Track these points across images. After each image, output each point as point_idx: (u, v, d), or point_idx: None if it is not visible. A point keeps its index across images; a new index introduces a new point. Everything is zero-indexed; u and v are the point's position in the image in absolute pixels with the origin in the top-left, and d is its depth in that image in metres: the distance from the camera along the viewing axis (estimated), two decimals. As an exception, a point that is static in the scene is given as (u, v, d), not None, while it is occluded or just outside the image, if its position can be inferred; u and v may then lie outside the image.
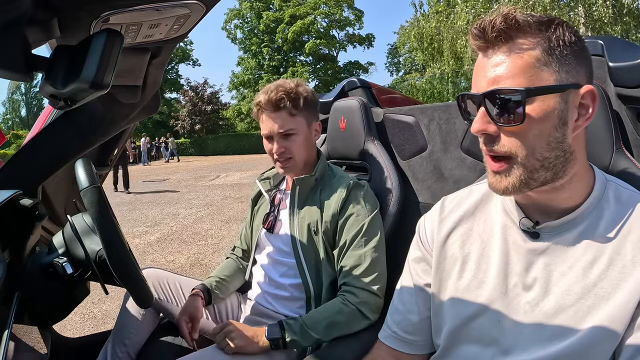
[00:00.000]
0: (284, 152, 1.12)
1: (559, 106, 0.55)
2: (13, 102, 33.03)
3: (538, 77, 0.54)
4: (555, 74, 0.54)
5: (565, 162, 0.57)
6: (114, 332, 1.18)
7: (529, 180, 0.57)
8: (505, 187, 0.58)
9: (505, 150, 0.56)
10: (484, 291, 0.66)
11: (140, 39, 0.69)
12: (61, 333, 1.33)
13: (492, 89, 0.55)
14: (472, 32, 0.58)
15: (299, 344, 1.00)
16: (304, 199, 1.16)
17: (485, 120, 0.57)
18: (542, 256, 0.62)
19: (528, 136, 0.55)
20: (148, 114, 1.10)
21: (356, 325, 1.03)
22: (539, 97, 0.54)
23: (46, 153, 0.99)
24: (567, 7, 10.10)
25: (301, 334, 0.99)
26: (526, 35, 0.55)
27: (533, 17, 0.55)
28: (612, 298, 0.55)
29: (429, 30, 12.15)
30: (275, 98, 1.08)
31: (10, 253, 0.76)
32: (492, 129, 0.57)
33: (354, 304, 1.02)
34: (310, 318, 1.02)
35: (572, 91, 0.55)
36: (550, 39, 0.54)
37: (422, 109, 1.29)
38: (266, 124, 1.12)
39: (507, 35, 0.55)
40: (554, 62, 0.54)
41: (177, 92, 34.64)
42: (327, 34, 32.69)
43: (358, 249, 1.06)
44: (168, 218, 5.77)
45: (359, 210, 1.09)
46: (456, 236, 0.72)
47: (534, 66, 0.54)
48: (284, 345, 0.99)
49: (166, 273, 1.27)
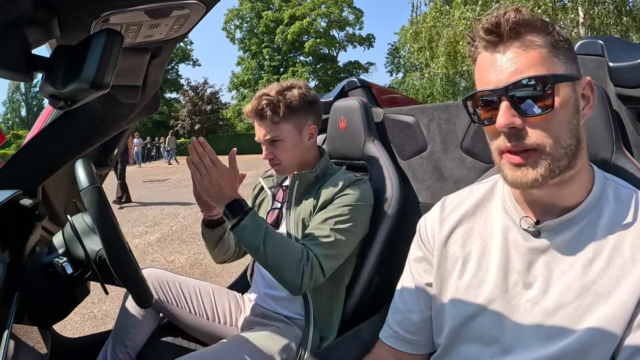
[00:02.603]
0: (273, 158, 1.16)
1: (573, 94, 0.57)
2: (13, 102, 33.05)
3: (555, 67, 0.56)
4: (564, 65, 0.57)
5: (577, 151, 0.58)
6: (114, 332, 1.18)
7: (555, 170, 0.56)
8: (534, 179, 0.56)
9: (532, 142, 0.55)
10: (484, 290, 0.66)
11: (140, 39, 0.69)
12: (61, 333, 1.33)
13: (518, 79, 0.54)
14: (482, 28, 0.58)
15: (242, 234, 0.97)
16: (301, 195, 1.16)
17: (511, 114, 0.55)
18: (542, 255, 0.62)
19: (553, 124, 0.55)
20: (148, 114, 1.10)
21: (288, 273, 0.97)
22: (562, 84, 0.55)
23: (46, 153, 0.99)
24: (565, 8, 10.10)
25: (254, 229, 0.97)
26: (535, 30, 0.57)
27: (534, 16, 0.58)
28: (611, 296, 0.55)
29: (427, 30, 12.16)
30: (257, 108, 1.12)
31: (10, 253, 0.76)
32: (518, 121, 0.55)
33: (309, 254, 0.99)
34: (272, 230, 1.00)
35: (577, 81, 0.58)
36: (553, 35, 0.57)
37: (422, 109, 1.29)
38: (256, 131, 1.17)
39: (519, 31, 0.56)
40: (561, 55, 0.57)
41: (177, 92, 34.65)
42: (326, 34, 32.70)
43: (329, 224, 1.04)
44: (168, 218, 5.77)
45: (348, 198, 1.08)
46: (457, 236, 0.72)
47: (548, 57, 0.56)
48: (233, 225, 0.97)
49: (166, 273, 1.27)
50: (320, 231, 1.04)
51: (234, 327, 1.24)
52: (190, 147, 0.98)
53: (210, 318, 1.23)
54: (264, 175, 1.33)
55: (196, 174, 0.97)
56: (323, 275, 1.01)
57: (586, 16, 9.76)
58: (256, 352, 1.02)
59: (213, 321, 1.23)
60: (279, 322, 1.12)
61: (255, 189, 1.35)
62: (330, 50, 33.29)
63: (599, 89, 0.77)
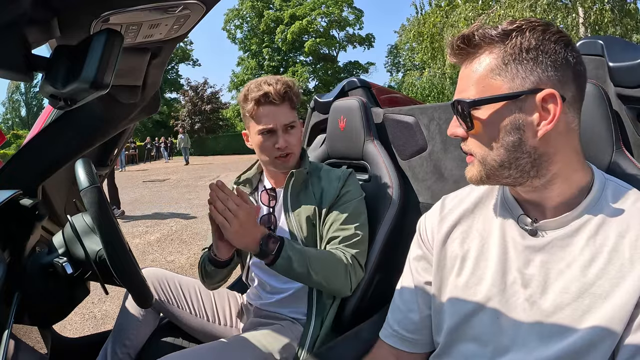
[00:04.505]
0: (287, 147, 1.09)
1: (511, 113, 0.57)
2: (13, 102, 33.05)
3: (489, 87, 0.58)
4: (509, 82, 0.57)
5: (535, 164, 0.59)
6: (114, 332, 1.18)
7: (492, 176, 0.62)
8: (470, 177, 0.65)
9: (467, 149, 0.64)
10: (482, 288, 0.66)
11: (140, 39, 0.69)
12: (61, 333, 1.33)
13: (454, 99, 0.63)
14: (447, 51, 0.64)
15: (289, 267, 0.95)
16: (297, 194, 1.14)
17: (456, 125, 0.64)
18: (539, 253, 0.62)
19: (482, 140, 0.61)
20: (148, 114, 1.09)
21: (339, 283, 1.02)
22: (484, 106, 0.59)
23: (46, 153, 0.99)
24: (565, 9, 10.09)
25: (298, 258, 0.95)
26: (484, 49, 0.59)
27: (497, 29, 0.58)
28: (610, 298, 0.55)
29: (429, 29, 12.15)
30: (282, 90, 1.07)
31: (10, 253, 0.76)
32: (460, 132, 0.64)
33: (349, 258, 1.05)
34: (308, 250, 1.01)
35: (528, 97, 0.56)
36: (506, 50, 0.57)
37: (422, 109, 1.29)
38: (270, 117, 1.08)
39: (467, 52, 0.60)
40: (508, 72, 0.57)
41: (177, 92, 34.64)
42: (326, 33, 32.70)
43: (351, 222, 1.08)
44: (168, 218, 5.77)
45: (352, 193, 1.13)
46: (456, 234, 0.72)
47: (486, 77, 0.58)
48: (273, 260, 0.94)
49: (166, 273, 1.27)
50: (347, 231, 1.08)
51: (234, 328, 1.23)
52: (213, 195, 0.92)
53: (211, 319, 1.23)
54: (237, 181, 1.23)
55: (225, 223, 0.90)
56: (363, 271, 1.09)
57: (586, 16, 9.75)
58: (255, 349, 1.01)
59: (213, 322, 1.23)
60: (280, 321, 1.12)
61: None
62: (330, 50, 33.27)
63: (599, 89, 0.77)
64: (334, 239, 1.08)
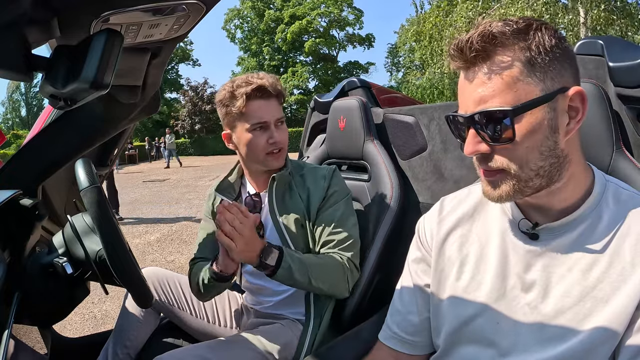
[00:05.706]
0: (279, 142, 1.07)
1: (548, 115, 0.54)
2: (13, 102, 33.04)
3: (524, 91, 0.53)
4: (541, 83, 0.53)
5: (560, 167, 0.57)
6: (114, 332, 1.18)
7: (523, 189, 0.57)
8: (499, 196, 0.58)
9: (498, 165, 0.57)
10: (482, 292, 0.65)
11: (140, 39, 0.69)
12: (61, 333, 1.33)
13: (479, 110, 0.54)
14: (450, 54, 0.57)
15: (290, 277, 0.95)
16: (281, 197, 1.12)
17: (477, 141, 0.57)
18: (541, 258, 0.61)
19: (520, 150, 0.55)
20: (148, 114, 1.09)
21: (338, 286, 1.04)
22: (527, 112, 0.53)
23: (46, 153, 0.99)
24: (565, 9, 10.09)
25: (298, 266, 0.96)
26: (505, 49, 0.53)
27: (509, 24, 0.53)
28: (611, 301, 0.55)
29: (428, 29, 12.15)
30: (275, 83, 1.07)
31: (10, 253, 0.76)
32: (484, 148, 0.56)
33: (346, 261, 1.06)
34: (306, 257, 1.01)
35: (559, 97, 0.54)
36: (530, 48, 0.53)
37: (422, 109, 1.29)
38: (263, 111, 1.05)
39: (486, 53, 0.54)
40: (538, 72, 0.53)
41: (177, 92, 34.59)
42: (326, 33, 32.70)
43: (343, 224, 1.08)
44: (168, 218, 5.77)
45: (339, 193, 1.12)
46: (454, 238, 0.72)
47: (518, 80, 0.53)
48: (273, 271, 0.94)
49: (166, 273, 1.27)
50: (340, 235, 1.08)
51: (234, 329, 1.23)
52: (221, 219, 0.90)
53: (211, 320, 1.23)
54: (219, 188, 1.18)
55: (231, 244, 0.89)
56: (358, 271, 1.10)
57: (586, 16, 9.75)
58: (255, 349, 1.01)
59: (214, 323, 1.23)
60: (280, 320, 1.12)
61: (213, 205, 1.20)
62: (330, 50, 33.28)
63: (599, 89, 0.77)
64: (329, 242, 1.07)
